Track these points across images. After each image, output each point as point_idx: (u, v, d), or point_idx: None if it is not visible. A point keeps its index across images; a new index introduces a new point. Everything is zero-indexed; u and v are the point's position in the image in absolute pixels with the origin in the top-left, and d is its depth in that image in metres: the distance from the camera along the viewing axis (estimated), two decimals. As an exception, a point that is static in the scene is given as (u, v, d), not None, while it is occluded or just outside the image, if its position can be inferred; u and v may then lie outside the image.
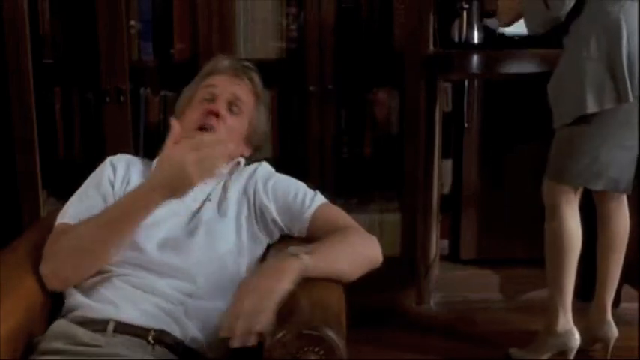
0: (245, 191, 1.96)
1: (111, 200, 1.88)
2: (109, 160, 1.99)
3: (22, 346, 1.75)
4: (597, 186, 2.65)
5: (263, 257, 1.95)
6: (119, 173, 1.96)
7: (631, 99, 2.49)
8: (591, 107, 2.51)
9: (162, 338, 1.72)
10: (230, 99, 2.01)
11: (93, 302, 1.77)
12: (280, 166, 2.07)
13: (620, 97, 2.49)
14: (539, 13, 2.61)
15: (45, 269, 1.80)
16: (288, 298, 1.69)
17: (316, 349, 1.59)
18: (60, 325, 1.75)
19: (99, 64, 2.92)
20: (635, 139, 2.58)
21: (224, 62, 2.10)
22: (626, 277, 2.91)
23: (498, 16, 2.97)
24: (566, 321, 2.76)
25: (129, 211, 1.75)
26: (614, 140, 2.56)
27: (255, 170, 2.00)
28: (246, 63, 2.15)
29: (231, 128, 1.99)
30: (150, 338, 1.71)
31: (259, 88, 2.10)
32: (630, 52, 2.47)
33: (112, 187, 1.93)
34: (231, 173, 2.02)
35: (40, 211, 3.00)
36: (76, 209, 1.88)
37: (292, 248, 1.71)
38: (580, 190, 2.69)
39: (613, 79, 2.48)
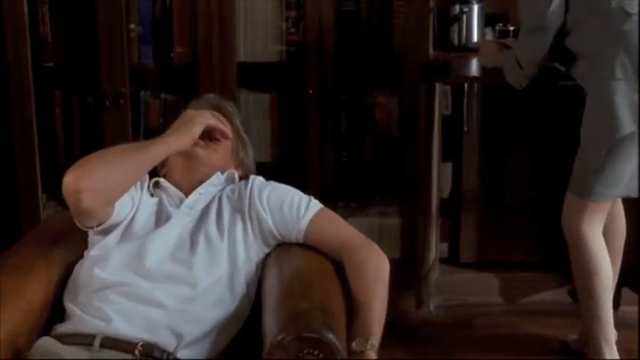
0: (240, 204, 1.97)
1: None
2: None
3: (21, 348, 1.76)
4: (617, 194, 2.56)
5: (262, 265, 1.96)
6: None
7: None
8: (628, 128, 2.43)
9: (149, 352, 1.72)
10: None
11: (86, 316, 1.78)
12: (280, 170, 2.07)
13: None
14: (515, 73, 2.65)
15: (69, 177, 1.77)
16: (289, 302, 1.70)
17: (316, 352, 1.59)
18: (43, 342, 1.75)
19: (99, 67, 2.92)
20: None
21: (200, 100, 2.18)
22: (625, 281, 2.90)
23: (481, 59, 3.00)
24: (612, 353, 2.61)
25: (147, 145, 1.89)
26: (634, 150, 2.47)
27: (248, 183, 2.02)
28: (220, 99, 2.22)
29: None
30: (136, 352, 1.71)
31: (237, 119, 2.18)
32: None
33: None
34: (228, 182, 2.07)
35: (39, 214, 3.00)
36: None
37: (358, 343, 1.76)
38: (606, 211, 2.58)
39: None
